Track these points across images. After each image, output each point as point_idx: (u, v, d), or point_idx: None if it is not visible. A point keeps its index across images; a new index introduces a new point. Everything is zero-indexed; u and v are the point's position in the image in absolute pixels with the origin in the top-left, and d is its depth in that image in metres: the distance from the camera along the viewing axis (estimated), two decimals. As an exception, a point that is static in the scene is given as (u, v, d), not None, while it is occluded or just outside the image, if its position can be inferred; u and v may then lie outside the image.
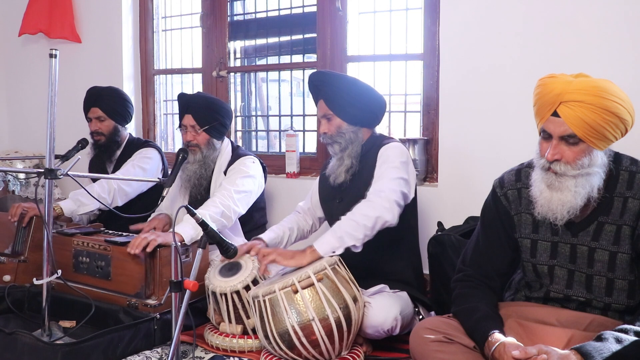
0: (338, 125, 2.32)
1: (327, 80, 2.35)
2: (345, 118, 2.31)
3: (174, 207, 2.72)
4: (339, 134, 2.32)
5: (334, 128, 2.32)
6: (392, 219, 2.09)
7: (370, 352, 2.16)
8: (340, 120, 2.31)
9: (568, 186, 1.55)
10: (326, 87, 2.33)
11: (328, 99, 2.32)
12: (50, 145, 2.10)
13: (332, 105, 2.31)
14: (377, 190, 2.13)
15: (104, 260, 2.42)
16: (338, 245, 2.04)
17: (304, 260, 2.03)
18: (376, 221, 2.05)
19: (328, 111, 2.32)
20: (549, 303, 1.71)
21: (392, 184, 2.14)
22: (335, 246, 2.04)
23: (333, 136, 2.33)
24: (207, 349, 2.23)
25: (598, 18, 2.42)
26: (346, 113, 2.30)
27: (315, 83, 2.38)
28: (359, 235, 2.04)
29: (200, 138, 2.72)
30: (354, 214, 2.08)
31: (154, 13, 3.89)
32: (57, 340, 2.10)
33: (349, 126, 2.31)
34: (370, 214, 2.06)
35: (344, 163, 2.31)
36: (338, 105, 2.30)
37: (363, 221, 2.05)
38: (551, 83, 1.57)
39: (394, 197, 2.11)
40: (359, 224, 2.04)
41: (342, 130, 2.31)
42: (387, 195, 2.10)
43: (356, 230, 2.04)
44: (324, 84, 2.34)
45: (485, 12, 2.65)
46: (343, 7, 3.15)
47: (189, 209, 1.75)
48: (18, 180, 3.84)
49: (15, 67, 4.35)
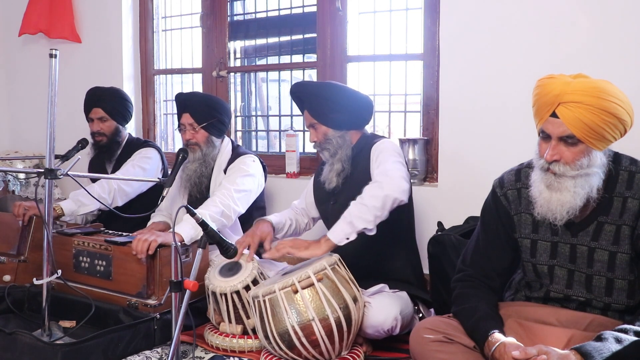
0: (324, 132, 2.34)
1: (307, 90, 2.39)
2: (329, 125, 2.34)
3: (174, 207, 2.72)
4: (326, 140, 2.34)
5: (320, 136, 2.35)
6: (402, 195, 2.07)
7: (370, 352, 2.17)
8: (325, 127, 2.34)
9: (567, 187, 1.55)
10: (307, 97, 2.37)
11: (311, 108, 2.35)
12: (50, 145, 2.10)
13: (316, 114, 2.34)
14: (381, 173, 2.13)
15: (105, 260, 2.43)
16: (350, 230, 2.02)
17: (318, 251, 2.03)
18: (385, 200, 2.03)
19: (312, 120, 2.36)
20: (549, 303, 1.71)
21: (395, 165, 2.16)
22: (347, 232, 2.02)
23: (321, 144, 2.36)
24: (207, 349, 2.23)
25: (598, 18, 2.42)
26: (330, 119, 2.33)
27: (297, 95, 2.43)
28: (369, 217, 2.01)
29: (199, 136, 2.72)
30: (362, 198, 2.06)
31: (154, 13, 3.89)
32: (57, 340, 2.10)
33: (334, 132, 2.34)
34: (378, 193, 2.04)
35: (334, 168, 2.33)
36: (321, 113, 2.33)
37: (372, 202, 2.03)
38: (550, 84, 1.57)
39: (400, 174, 2.11)
40: (367, 206, 2.03)
41: (329, 137, 2.34)
42: (393, 173, 2.10)
43: (366, 213, 2.02)
44: (305, 94, 2.38)
45: (485, 12, 2.65)
46: (343, 7, 3.15)
47: (188, 208, 1.75)
48: (18, 180, 3.84)
49: (15, 67, 4.35)
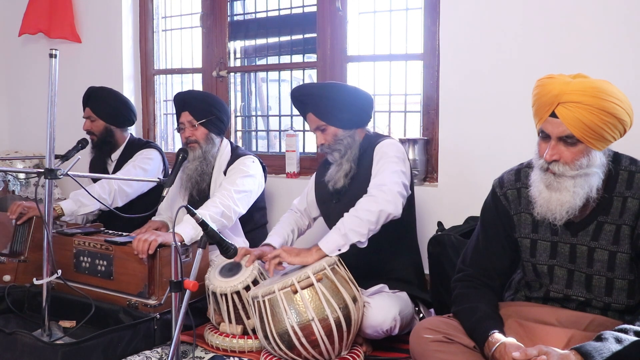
0: (334, 133, 2.29)
1: (310, 92, 2.33)
2: (339, 125, 2.29)
3: (174, 207, 2.71)
4: (336, 142, 2.29)
5: (330, 137, 2.29)
6: (396, 210, 2.07)
7: (370, 352, 2.17)
8: (334, 128, 2.29)
9: (567, 186, 1.55)
10: (312, 99, 2.30)
11: (317, 110, 2.29)
12: (50, 145, 2.10)
13: (323, 116, 2.28)
14: (378, 184, 2.12)
15: (106, 260, 2.43)
16: (343, 242, 2.02)
17: (309, 259, 2.03)
18: (379, 215, 2.04)
19: (320, 122, 2.29)
20: (548, 303, 1.71)
21: (393, 176, 2.13)
22: (340, 244, 2.03)
23: (331, 145, 2.30)
24: (207, 349, 2.23)
25: (598, 18, 2.42)
26: (338, 119, 2.28)
27: (300, 98, 2.35)
28: (363, 230, 2.02)
29: (198, 133, 2.72)
30: (357, 210, 2.06)
31: (154, 13, 3.89)
32: (57, 340, 2.10)
33: (344, 131, 2.29)
34: (373, 208, 2.04)
35: (343, 168, 2.29)
36: (328, 114, 2.27)
37: (366, 216, 2.03)
38: (549, 84, 1.57)
39: (396, 189, 2.10)
40: (362, 219, 2.03)
41: (339, 138, 2.29)
42: (389, 188, 2.09)
43: (360, 226, 2.02)
44: (309, 97, 2.31)
45: (485, 12, 2.65)
46: (343, 7, 3.15)
47: (189, 209, 1.75)
48: (18, 180, 3.84)
49: (15, 67, 4.35)
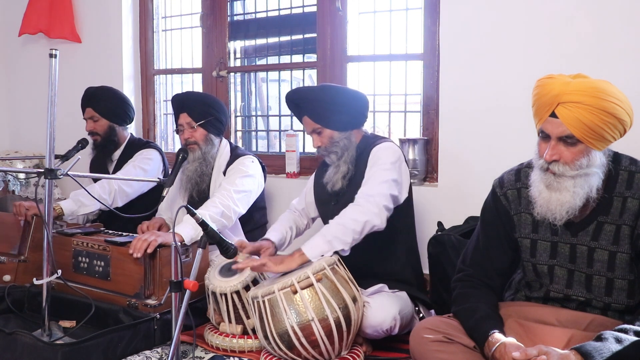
0: (330, 136, 2.29)
1: (305, 96, 2.33)
2: (334, 127, 2.28)
3: (174, 207, 2.71)
4: (333, 144, 2.29)
5: (326, 140, 2.30)
6: (381, 223, 2.10)
7: (370, 352, 2.17)
8: (330, 130, 2.29)
9: (567, 186, 1.55)
10: (307, 102, 2.30)
11: (312, 113, 2.29)
12: (50, 145, 2.10)
13: (318, 119, 2.28)
14: (366, 194, 2.13)
15: (103, 260, 2.42)
16: (327, 249, 2.04)
17: (293, 264, 2.04)
18: (364, 225, 2.06)
19: (316, 125, 2.29)
20: (548, 303, 1.71)
21: (382, 187, 2.14)
22: (324, 250, 2.04)
23: (328, 148, 2.30)
24: (207, 349, 2.23)
25: (598, 18, 2.42)
26: (334, 122, 2.28)
27: (296, 102, 2.35)
28: (347, 239, 2.05)
29: (197, 134, 2.72)
30: (343, 218, 2.08)
31: (154, 13, 3.89)
32: (57, 340, 2.10)
33: (340, 134, 2.29)
34: (359, 218, 2.06)
35: (340, 170, 2.29)
36: (324, 117, 2.27)
37: (352, 226, 2.05)
38: (549, 84, 1.57)
39: (383, 201, 2.11)
40: (347, 228, 2.05)
41: (335, 140, 2.29)
42: (375, 199, 2.10)
43: (345, 235, 2.05)
44: (305, 100, 2.31)
45: (485, 12, 2.65)
46: (343, 7, 3.15)
47: (189, 209, 1.75)
48: (18, 180, 3.84)
49: (15, 67, 4.35)
